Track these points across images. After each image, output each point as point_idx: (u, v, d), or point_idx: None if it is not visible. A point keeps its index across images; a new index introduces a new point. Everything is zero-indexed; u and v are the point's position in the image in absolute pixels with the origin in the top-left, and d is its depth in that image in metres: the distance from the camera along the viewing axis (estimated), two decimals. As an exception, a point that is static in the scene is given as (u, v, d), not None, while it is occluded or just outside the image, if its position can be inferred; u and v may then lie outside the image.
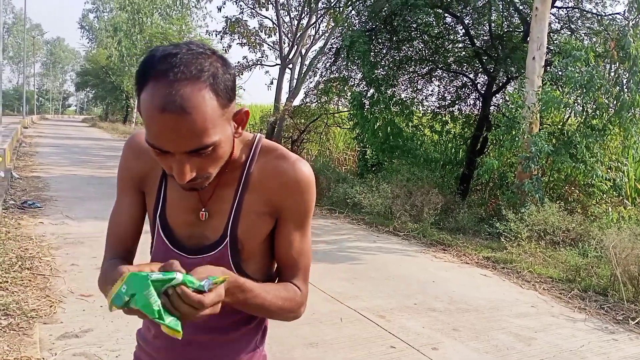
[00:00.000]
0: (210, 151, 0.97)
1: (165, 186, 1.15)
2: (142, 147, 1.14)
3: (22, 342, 3.33)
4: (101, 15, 55.49)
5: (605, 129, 7.70)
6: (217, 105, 0.95)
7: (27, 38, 55.35)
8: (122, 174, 1.21)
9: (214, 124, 0.95)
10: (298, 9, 18.54)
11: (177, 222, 1.14)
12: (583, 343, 4.07)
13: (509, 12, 11.33)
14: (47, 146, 19.53)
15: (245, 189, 1.11)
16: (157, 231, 1.15)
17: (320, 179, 10.79)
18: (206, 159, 0.98)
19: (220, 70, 0.97)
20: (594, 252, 6.15)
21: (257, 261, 1.15)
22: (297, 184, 1.11)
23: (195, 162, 0.97)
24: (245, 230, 1.10)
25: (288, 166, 1.11)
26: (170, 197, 1.14)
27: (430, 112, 12.84)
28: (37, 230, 6.31)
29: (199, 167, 0.98)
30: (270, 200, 1.11)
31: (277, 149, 1.14)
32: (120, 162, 1.21)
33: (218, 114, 0.96)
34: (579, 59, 7.57)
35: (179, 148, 0.94)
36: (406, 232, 7.72)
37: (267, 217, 1.12)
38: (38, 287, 4.36)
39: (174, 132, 0.92)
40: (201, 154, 0.97)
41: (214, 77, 0.95)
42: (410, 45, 12.40)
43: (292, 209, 1.13)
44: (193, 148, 0.95)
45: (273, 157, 1.12)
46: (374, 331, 4.00)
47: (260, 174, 1.11)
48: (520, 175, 7.85)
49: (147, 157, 1.14)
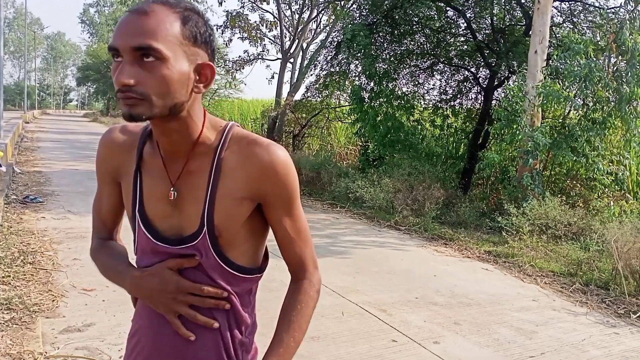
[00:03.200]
0: (153, 60, 0.97)
1: (140, 180, 1.16)
2: (115, 142, 1.21)
3: (25, 337, 3.34)
4: (102, 9, 55.45)
5: (605, 122, 7.68)
6: (179, 31, 1.00)
7: (28, 33, 55.26)
8: (98, 167, 1.25)
9: (166, 38, 0.98)
10: (299, 2, 18.50)
11: (155, 214, 1.14)
12: (584, 337, 4.07)
13: (510, 5, 11.29)
14: (48, 141, 19.55)
15: (219, 175, 1.10)
16: (137, 225, 1.16)
17: (321, 174, 10.79)
18: (148, 72, 0.98)
19: (196, 16, 1.03)
20: (595, 246, 6.15)
21: (238, 247, 1.14)
22: (274, 168, 1.10)
23: (137, 70, 0.97)
24: (223, 217, 1.10)
25: (262, 151, 1.10)
26: (146, 190, 1.15)
27: (431, 106, 12.82)
28: (39, 224, 6.33)
29: (139, 78, 0.97)
30: (248, 185, 1.10)
31: (250, 135, 1.13)
32: (97, 156, 1.25)
33: (176, 38, 1.00)
34: (578, 52, 7.55)
35: (126, 42, 0.97)
36: (408, 226, 7.72)
37: (247, 201, 1.11)
38: (40, 282, 4.37)
39: (126, 27, 0.98)
40: (144, 61, 0.97)
41: (188, 13, 1.02)
42: (412, 39, 12.36)
43: (274, 194, 1.12)
44: (136, 44, 0.96)
45: (246, 143, 1.11)
46: (376, 325, 4.01)
47: (235, 160, 1.10)
48: (521, 170, 7.84)
49: (120, 151, 1.20)
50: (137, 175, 1.16)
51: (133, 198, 1.16)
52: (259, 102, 26.67)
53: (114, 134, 1.22)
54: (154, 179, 1.14)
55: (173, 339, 1.14)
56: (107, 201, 1.26)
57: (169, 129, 1.07)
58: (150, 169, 1.15)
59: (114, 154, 1.21)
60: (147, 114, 0.99)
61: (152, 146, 1.16)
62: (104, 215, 1.28)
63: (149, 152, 1.16)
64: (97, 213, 1.29)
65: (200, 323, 1.11)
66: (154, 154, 1.15)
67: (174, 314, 1.11)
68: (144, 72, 0.98)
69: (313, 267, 1.22)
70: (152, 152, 1.16)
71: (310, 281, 1.20)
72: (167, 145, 1.11)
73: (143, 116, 0.99)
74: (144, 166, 1.16)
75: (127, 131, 1.22)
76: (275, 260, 1.28)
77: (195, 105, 1.09)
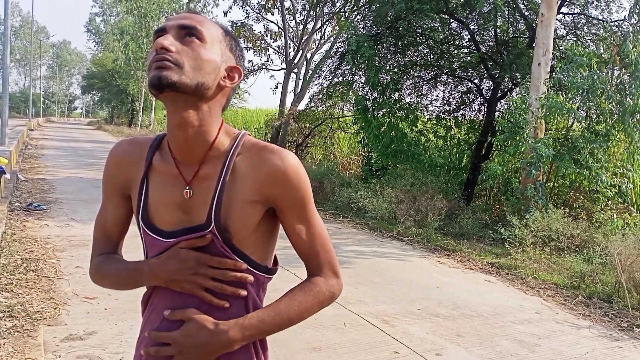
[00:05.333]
0: (194, 39, 1.08)
1: (147, 187, 1.17)
2: (125, 154, 1.23)
3: (27, 344, 3.34)
4: (108, 19, 55.83)
5: (608, 134, 7.68)
6: (220, 34, 1.14)
7: (33, 41, 55.67)
8: (107, 180, 1.26)
9: (208, 30, 1.11)
10: (303, 13, 18.61)
11: (164, 220, 1.15)
12: (587, 350, 4.05)
13: (514, 17, 11.33)
14: (52, 148, 19.62)
15: (229, 178, 1.12)
16: (143, 231, 1.18)
17: (324, 183, 10.79)
18: (187, 46, 1.07)
19: (233, 37, 1.19)
20: (598, 259, 6.13)
21: (248, 247, 1.15)
22: (285, 174, 1.12)
23: (178, 43, 1.07)
24: (235, 219, 1.11)
25: (274, 157, 1.13)
26: (153, 196, 1.16)
27: (434, 117, 12.84)
28: (42, 232, 6.34)
29: (178, 48, 1.07)
30: (260, 190, 1.12)
31: (261, 142, 1.17)
32: (105, 169, 1.26)
33: (216, 36, 1.13)
34: (581, 64, 7.57)
35: (175, 22, 1.10)
36: (410, 237, 7.71)
37: (259, 205, 1.13)
38: (43, 289, 4.37)
39: (177, 16, 1.11)
40: (186, 39, 1.08)
41: (227, 30, 1.18)
42: (416, 50, 12.41)
43: (285, 199, 1.14)
44: (184, 23, 1.09)
45: (257, 150, 1.14)
46: (378, 336, 4.00)
47: (247, 165, 1.13)
48: (524, 181, 7.83)
49: (129, 164, 1.21)
50: (144, 183, 1.18)
51: (137, 205, 1.18)
52: (262, 112, 26.78)
53: (123, 146, 1.24)
54: (164, 184, 1.15)
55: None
56: (113, 215, 1.26)
57: (187, 120, 1.09)
58: (159, 176, 1.17)
59: (123, 166, 1.22)
60: (175, 78, 1.04)
61: (162, 155, 1.18)
62: (110, 229, 1.27)
63: (159, 160, 1.18)
64: (101, 227, 1.28)
65: (228, 293, 1.12)
66: (165, 162, 1.17)
67: (201, 288, 1.12)
68: (183, 46, 1.07)
69: (330, 272, 1.21)
70: (163, 160, 1.18)
71: (326, 280, 1.20)
72: (181, 142, 1.12)
73: (170, 79, 1.04)
74: (152, 174, 1.18)
75: (136, 143, 1.24)
76: (280, 270, 1.29)
77: (216, 106, 1.14)
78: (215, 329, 1.09)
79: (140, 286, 1.20)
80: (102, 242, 1.27)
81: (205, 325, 1.10)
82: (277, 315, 1.14)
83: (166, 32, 1.08)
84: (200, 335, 1.09)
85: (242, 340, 1.11)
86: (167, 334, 1.12)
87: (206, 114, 1.11)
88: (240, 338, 1.11)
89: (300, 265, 1.25)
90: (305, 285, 1.19)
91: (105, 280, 1.25)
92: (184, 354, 1.10)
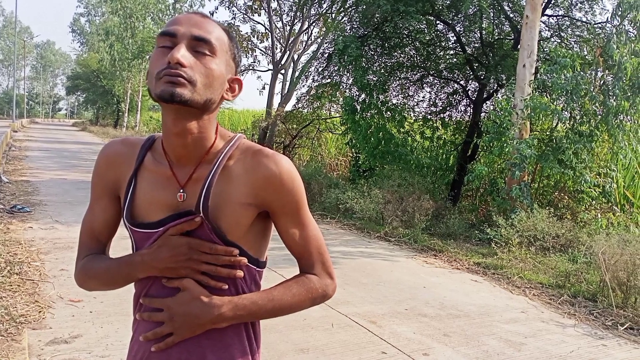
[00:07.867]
0: (207, 52, 1.07)
1: (135, 185, 1.17)
2: (116, 154, 1.22)
3: (11, 348, 3.30)
4: (93, 19, 55.33)
5: (592, 135, 7.77)
6: (227, 42, 1.13)
7: (17, 41, 55.00)
8: (96, 180, 1.24)
9: (219, 40, 1.10)
10: (290, 14, 18.60)
11: (150, 217, 1.15)
12: (573, 349, 4.09)
13: (499, 20, 11.43)
14: (36, 150, 19.39)
15: (223, 178, 1.13)
16: (129, 229, 1.18)
17: (312, 185, 10.79)
18: (198, 61, 1.06)
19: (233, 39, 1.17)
20: (583, 258, 6.20)
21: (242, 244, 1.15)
22: (279, 177, 1.14)
23: (191, 57, 1.05)
24: (229, 220, 1.12)
25: (268, 161, 1.14)
26: (142, 195, 1.16)
27: (421, 118, 12.91)
28: (26, 235, 6.27)
29: (192, 63, 1.05)
30: (253, 192, 1.13)
31: (256, 145, 1.18)
32: (94, 169, 1.25)
33: (225, 46, 1.12)
34: (565, 66, 7.65)
35: (188, 29, 1.06)
36: (397, 237, 7.73)
37: (252, 208, 1.14)
38: (27, 293, 4.32)
39: (188, 20, 1.08)
40: (197, 52, 1.06)
41: (230, 32, 1.15)
42: (402, 51, 12.46)
43: (279, 203, 1.16)
44: (199, 35, 1.06)
45: (251, 153, 1.15)
46: (365, 337, 4.01)
47: (241, 168, 1.14)
48: (510, 182, 7.90)
49: (119, 163, 1.21)
50: (132, 181, 1.17)
51: (124, 201, 1.18)
52: (249, 113, 26.71)
53: (114, 146, 1.24)
54: (155, 184, 1.15)
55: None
56: (102, 215, 1.24)
57: (188, 129, 1.10)
58: (151, 176, 1.16)
59: (114, 166, 1.21)
60: (187, 96, 1.04)
61: (155, 156, 1.18)
62: (98, 230, 1.25)
63: (151, 161, 1.18)
64: (89, 229, 1.26)
65: (223, 275, 1.13)
66: (158, 163, 1.17)
67: (197, 272, 1.12)
68: (195, 60, 1.06)
69: (325, 273, 1.24)
70: (156, 161, 1.17)
71: (320, 279, 1.22)
72: (179, 148, 1.13)
73: (183, 97, 1.03)
74: (143, 173, 1.17)
75: (128, 143, 1.23)
76: (267, 271, 1.29)
77: (215, 114, 1.15)
78: (209, 302, 1.11)
79: (132, 281, 1.19)
80: (89, 244, 1.25)
81: (200, 297, 1.11)
82: (270, 302, 1.15)
83: (176, 38, 1.06)
84: (193, 306, 1.10)
85: (233, 319, 1.12)
86: (160, 300, 1.13)
87: (206, 122, 1.12)
88: (231, 316, 1.12)
89: (286, 266, 1.25)
90: (300, 279, 1.20)
91: (93, 281, 1.22)
92: (174, 322, 1.11)
